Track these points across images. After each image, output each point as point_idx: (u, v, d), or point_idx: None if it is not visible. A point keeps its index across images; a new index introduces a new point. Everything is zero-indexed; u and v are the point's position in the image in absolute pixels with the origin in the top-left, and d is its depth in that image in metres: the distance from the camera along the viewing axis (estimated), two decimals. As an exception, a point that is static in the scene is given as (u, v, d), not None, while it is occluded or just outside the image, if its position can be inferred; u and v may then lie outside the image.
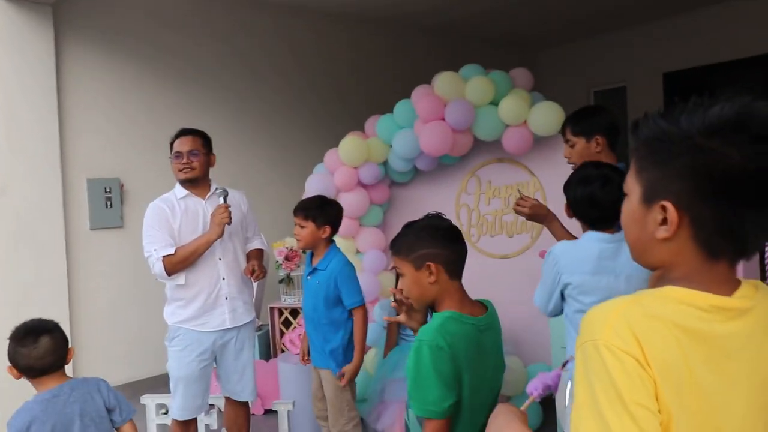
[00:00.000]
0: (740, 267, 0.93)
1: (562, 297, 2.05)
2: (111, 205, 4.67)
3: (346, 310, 2.82)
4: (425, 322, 1.75)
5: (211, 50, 5.33)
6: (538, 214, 2.47)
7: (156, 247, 2.77)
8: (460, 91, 3.78)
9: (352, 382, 2.85)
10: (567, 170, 3.52)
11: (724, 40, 6.40)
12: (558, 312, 2.11)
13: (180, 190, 2.93)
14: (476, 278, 3.98)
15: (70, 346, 2.17)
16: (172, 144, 2.96)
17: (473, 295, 1.70)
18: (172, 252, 2.76)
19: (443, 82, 3.82)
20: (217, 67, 5.37)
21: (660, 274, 0.92)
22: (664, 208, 0.86)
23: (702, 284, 0.86)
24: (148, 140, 4.84)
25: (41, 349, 2.05)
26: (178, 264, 2.77)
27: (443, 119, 3.75)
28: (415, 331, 1.76)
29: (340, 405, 2.81)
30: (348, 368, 2.78)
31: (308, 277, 2.90)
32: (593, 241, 1.97)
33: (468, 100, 3.75)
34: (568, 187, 2.05)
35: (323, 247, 2.84)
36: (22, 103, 4.28)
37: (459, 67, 3.96)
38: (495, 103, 3.78)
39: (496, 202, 4.15)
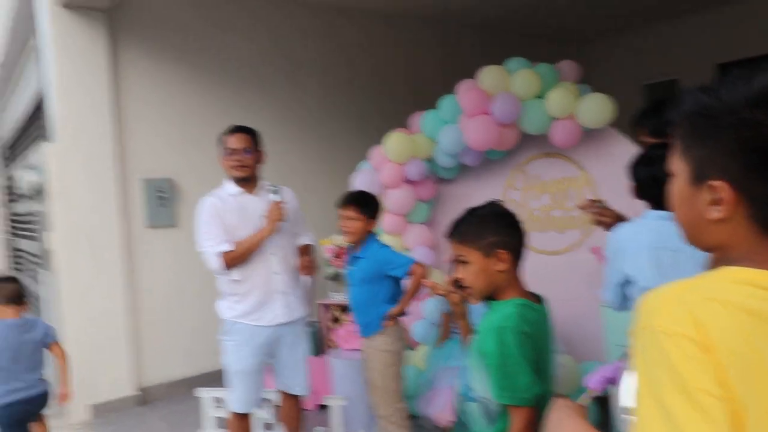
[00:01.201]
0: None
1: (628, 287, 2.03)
2: (165, 204, 4.83)
3: (391, 285, 2.88)
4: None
5: (259, 50, 5.44)
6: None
7: (212, 243, 2.84)
8: (505, 85, 3.75)
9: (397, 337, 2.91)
10: (617, 164, 3.45)
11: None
12: (623, 303, 2.09)
13: (231, 187, 3.00)
14: (526, 275, 3.96)
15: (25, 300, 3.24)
16: (222, 140, 3.02)
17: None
18: (230, 248, 2.83)
19: (488, 75, 3.79)
20: (265, 67, 5.48)
21: (717, 256, 0.88)
22: (714, 188, 0.82)
23: (763, 263, 0.81)
24: (198, 140, 4.97)
25: (11, 287, 3.15)
26: (235, 259, 2.84)
27: (488, 113, 3.73)
28: (458, 317, 1.74)
29: (385, 392, 2.83)
30: (392, 309, 2.84)
31: (352, 268, 2.95)
32: (650, 218, 1.96)
33: (514, 94, 3.71)
34: (632, 168, 2.04)
35: (364, 238, 2.90)
36: (80, 106, 4.47)
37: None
38: (541, 96, 3.73)
39: (544, 197, 4.10)
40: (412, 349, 3.99)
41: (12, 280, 3.24)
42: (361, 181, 4.09)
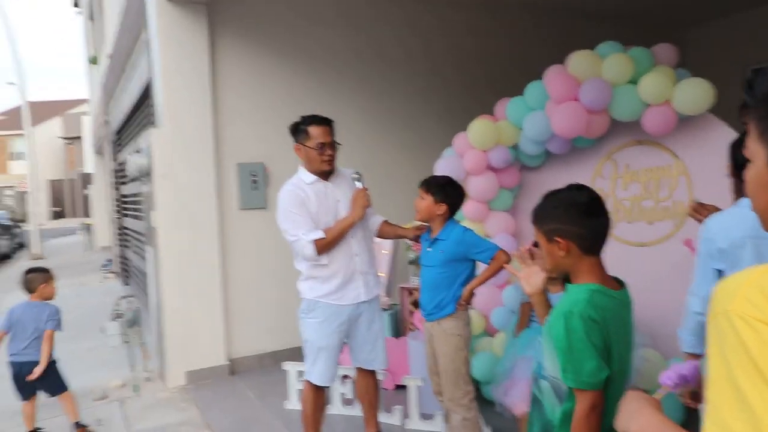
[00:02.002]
0: None
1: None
2: (257, 187, 5.09)
3: (470, 268, 2.92)
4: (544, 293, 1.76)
5: (348, 40, 5.57)
6: None
7: (303, 231, 2.95)
8: (596, 70, 3.64)
9: (465, 317, 2.94)
10: (716, 152, 3.27)
11: None
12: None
13: (308, 176, 3.09)
14: (612, 266, 3.83)
15: (55, 286, 4.08)
16: (301, 129, 3.06)
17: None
18: (323, 235, 2.94)
19: (577, 60, 3.70)
20: (354, 57, 5.61)
21: None
22: None
23: None
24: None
25: (27, 278, 3.99)
26: (327, 245, 2.96)
27: (577, 100, 3.64)
28: (531, 296, 1.75)
29: (455, 376, 2.87)
30: (464, 291, 2.88)
31: (428, 249, 2.99)
32: (746, 207, 1.88)
33: (604, 79, 3.60)
34: (730, 147, 2.00)
35: (439, 222, 2.95)
36: (182, 94, 4.78)
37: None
38: (635, 81, 3.59)
39: (634, 186, 3.95)
40: (490, 335, 4.00)
41: (31, 271, 4.03)
42: (444, 167, 4.11)
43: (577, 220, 1.58)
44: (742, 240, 1.83)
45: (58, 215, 36.51)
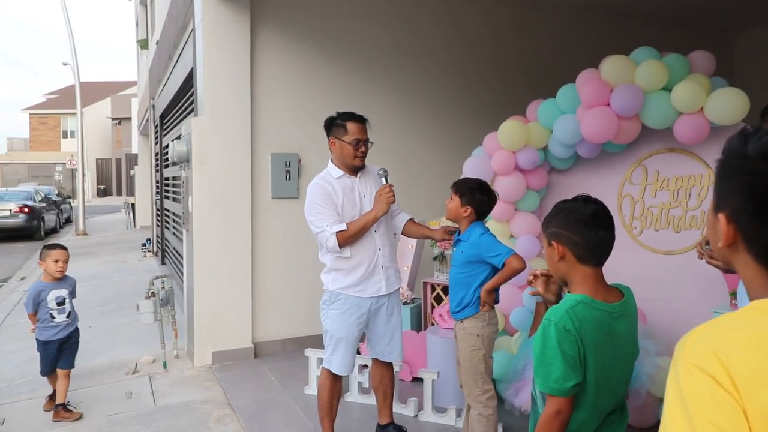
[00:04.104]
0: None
1: None
2: (289, 177, 5.22)
3: (490, 271, 2.94)
4: (559, 298, 1.80)
5: (387, 35, 5.64)
6: None
7: (327, 223, 3.05)
8: (629, 76, 3.61)
9: (491, 313, 2.96)
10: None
11: None
12: None
13: (336, 171, 3.19)
14: (636, 272, 3.83)
15: (52, 263, 3.97)
16: (338, 123, 3.16)
17: (632, 288, 1.71)
18: (345, 228, 3.04)
19: (611, 65, 3.68)
20: (392, 52, 5.67)
21: (747, 290, 0.94)
22: (718, 219, 0.93)
23: None
24: (323, 120, 5.27)
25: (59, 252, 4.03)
26: (349, 238, 3.05)
27: (608, 105, 3.62)
28: (548, 302, 1.81)
29: (473, 373, 2.92)
30: (481, 293, 2.90)
31: (454, 249, 3.06)
32: None
33: (637, 85, 3.58)
34: None
35: (465, 223, 3.00)
36: (223, 85, 4.93)
37: (639, 53, 3.77)
38: (669, 88, 3.56)
39: (663, 194, 3.92)
40: (509, 334, 4.03)
41: (63, 247, 4.09)
42: (472, 166, 4.15)
43: (575, 229, 1.63)
44: None
45: (103, 193, 37.76)
